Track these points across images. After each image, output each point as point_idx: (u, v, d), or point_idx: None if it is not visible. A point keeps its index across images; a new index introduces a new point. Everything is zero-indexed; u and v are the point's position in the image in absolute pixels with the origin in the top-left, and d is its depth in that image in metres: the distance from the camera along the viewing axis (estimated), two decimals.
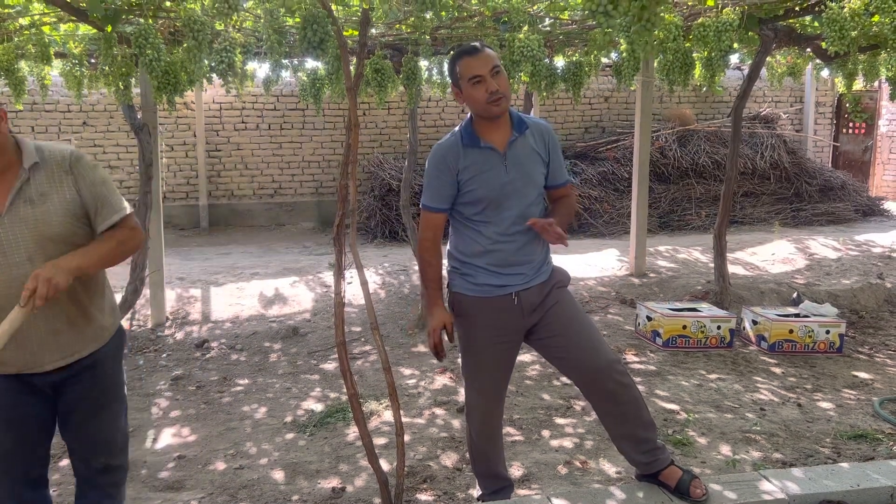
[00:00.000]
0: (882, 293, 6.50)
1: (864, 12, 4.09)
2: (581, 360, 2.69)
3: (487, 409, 2.85)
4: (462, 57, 2.60)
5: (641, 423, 2.76)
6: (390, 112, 11.19)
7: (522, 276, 2.71)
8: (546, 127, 2.78)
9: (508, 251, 2.68)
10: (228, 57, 3.85)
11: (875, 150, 12.68)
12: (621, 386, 2.70)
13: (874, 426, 3.90)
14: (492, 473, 2.97)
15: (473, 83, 2.56)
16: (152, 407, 4.43)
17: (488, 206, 2.65)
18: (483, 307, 2.71)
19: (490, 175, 2.63)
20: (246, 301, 6.56)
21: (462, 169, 2.63)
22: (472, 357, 2.80)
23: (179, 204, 10.83)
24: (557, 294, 2.76)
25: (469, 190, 2.65)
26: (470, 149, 2.65)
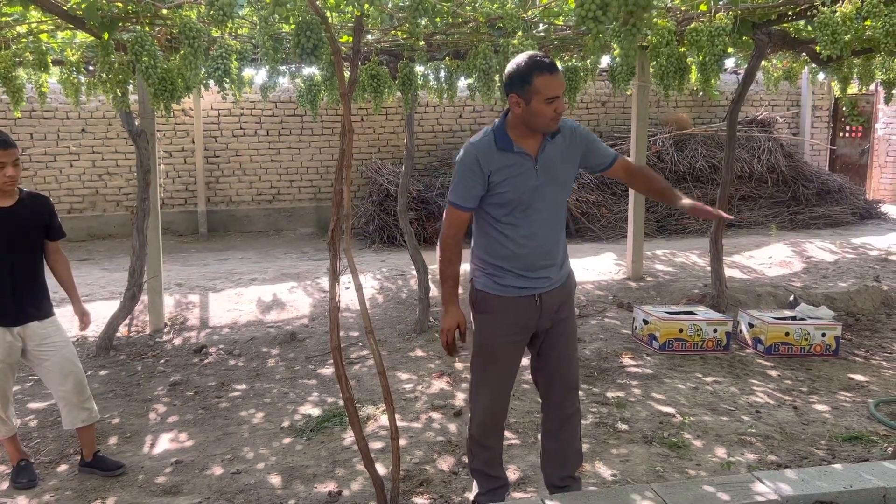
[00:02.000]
0: (878, 296, 6.52)
1: (856, 16, 4.12)
2: (560, 377, 2.92)
3: (493, 406, 2.90)
4: (542, 72, 2.57)
5: (574, 450, 3.01)
6: (388, 118, 11.22)
7: (547, 279, 2.79)
8: (572, 125, 2.83)
9: (535, 254, 2.75)
10: (224, 64, 3.87)
11: (872, 153, 12.70)
12: (577, 411, 2.98)
13: (869, 428, 3.91)
14: (488, 472, 2.99)
15: (548, 102, 2.59)
16: (150, 412, 4.44)
17: (516, 208, 2.71)
18: (506, 306, 2.79)
19: (521, 179, 2.69)
20: (244, 307, 6.58)
21: (494, 171, 2.68)
22: (486, 353, 2.86)
23: (178, 210, 10.85)
24: (568, 309, 2.90)
25: (500, 192, 2.70)
26: (503, 152, 2.69)
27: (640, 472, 3.43)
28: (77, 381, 3.48)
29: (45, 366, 3.43)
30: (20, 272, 3.37)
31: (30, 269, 3.42)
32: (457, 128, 11.49)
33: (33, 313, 3.40)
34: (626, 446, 3.73)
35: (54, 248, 3.57)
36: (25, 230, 3.38)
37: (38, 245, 3.46)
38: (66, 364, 3.44)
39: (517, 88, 2.62)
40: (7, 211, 3.32)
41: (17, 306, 3.35)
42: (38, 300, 3.44)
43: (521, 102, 2.62)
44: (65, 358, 3.45)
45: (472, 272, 2.88)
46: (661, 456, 3.61)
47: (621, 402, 4.31)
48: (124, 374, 5.11)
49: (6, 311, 3.34)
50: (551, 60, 2.61)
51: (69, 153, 10.37)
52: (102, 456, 3.65)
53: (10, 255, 3.33)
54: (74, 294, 3.67)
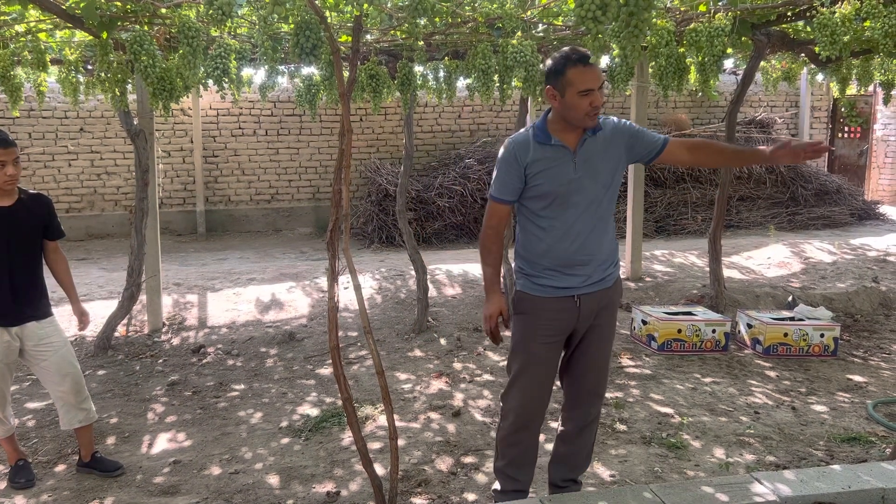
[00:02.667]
0: (877, 297, 6.52)
1: (855, 17, 4.12)
2: (588, 384, 2.93)
3: (524, 407, 2.88)
4: (576, 64, 2.60)
5: (585, 455, 3.05)
6: (387, 118, 11.22)
7: (584, 277, 2.77)
8: (617, 122, 2.84)
9: (571, 249, 2.74)
10: (223, 63, 3.86)
11: (870, 154, 12.72)
12: (597, 417, 3.03)
13: (867, 429, 3.91)
14: (508, 473, 2.96)
15: (582, 94, 2.61)
16: (148, 412, 4.43)
17: (554, 201, 2.72)
18: (544, 306, 2.79)
19: (558, 171, 2.70)
20: (242, 306, 6.57)
21: (530, 163, 2.70)
22: (524, 353, 2.85)
23: (177, 210, 10.84)
24: (608, 316, 2.89)
25: (536, 184, 2.72)
26: (541, 145, 2.72)
27: (638, 473, 3.43)
28: (75, 382, 3.47)
29: (43, 366, 3.42)
30: (19, 272, 3.36)
31: (29, 268, 3.41)
32: (455, 128, 11.49)
33: (31, 313, 3.39)
34: (625, 447, 3.73)
35: (53, 247, 3.56)
36: (25, 230, 3.37)
37: (37, 245, 3.45)
38: (63, 364, 3.44)
39: (552, 80, 2.66)
40: (6, 210, 3.31)
41: (15, 306, 3.34)
42: (36, 300, 3.43)
43: (556, 95, 2.66)
44: (62, 358, 3.44)
45: (514, 275, 2.91)
46: (660, 456, 3.61)
47: (620, 402, 4.31)
48: (122, 374, 5.11)
49: (5, 310, 3.33)
50: (587, 53, 2.63)
51: (68, 152, 10.36)
52: (101, 457, 3.65)
53: (8, 254, 3.32)
54: (73, 294, 3.66)
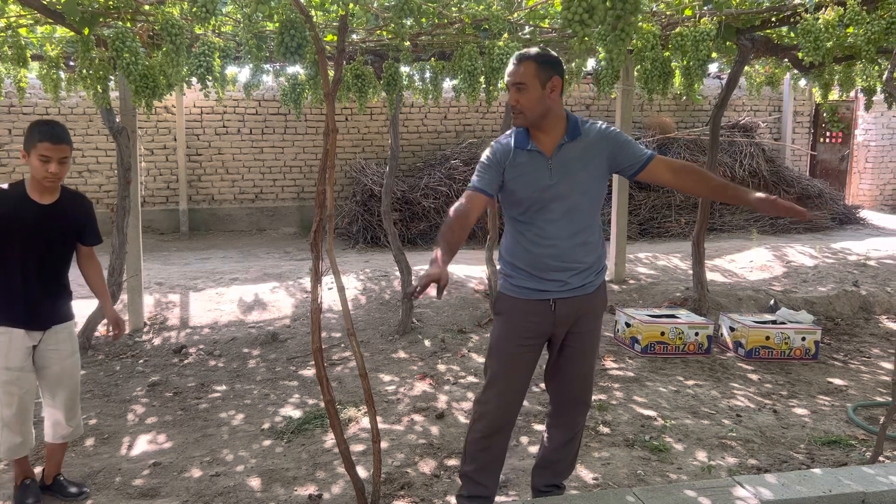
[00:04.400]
0: (857, 300, 6.58)
1: (838, 24, 4.16)
2: (573, 395, 2.93)
3: (498, 409, 2.85)
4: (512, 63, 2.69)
5: (569, 462, 3.06)
6: (372, 118, 11.19)
7: (561, 283, 2.73)
8: (602, 129, 2.76)
9: (547, 255, 2.71)
10: (207, 61, 3.83)
11: (851, 159, 12.85)
12: (581, 426, 3.02)
13: (848, 432, 3.94)
14: (476, 479, 2.93)
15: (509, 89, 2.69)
16: (128, 413, 4.38)
17: (530, 207, 2.71)
18: (519, 308, 2.78)
19: (532, 177, 2.68)
20: (225, 306, 6.52)
21: (508, 167, 2.70)
22: (497, 354, 2.84)
23: (159, 208, 10.75)
24: (590, 324, 2.86)
25: (512, 189, 2.72)
26: (519, 150, 2.72)
27: (621, 476, 3.43)
28: (70, 397, 3.28)
29: (45, 372, 3.21)
30: (49, 272, 3.18)
31: (58, 270, 3.23)
32: (441, 129, 11.48)
33: (55, 316, 3.21)
34: (608, 449, 3.73)
35: (88, 252, 3.37)
36: (59, 230, 3.18)
37: (70, 247, 3.26)
38: (65, 376, 3.24)
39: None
40: (44, 208, 3.11)
41: (42, 308, 3.16)
42: (61, 302, 3.25)
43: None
44: (66, 370, 3.24)
45: (499, 274, 2.91)
46: (643, 459, 3.61)
47: (603, 404, 4.31)
48: (102, 375, 5.05)
49: (32, 313, 3.14)
50: (520, 52, 2.69)
51: None
52: (63, 480, 3.42)
53: (39, 254, 3.13)
54: (107, 300, 3.46)
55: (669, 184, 2.82)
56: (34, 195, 3.11)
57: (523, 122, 2.69)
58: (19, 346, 3.11)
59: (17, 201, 3.08)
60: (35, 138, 3.02)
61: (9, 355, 3.10)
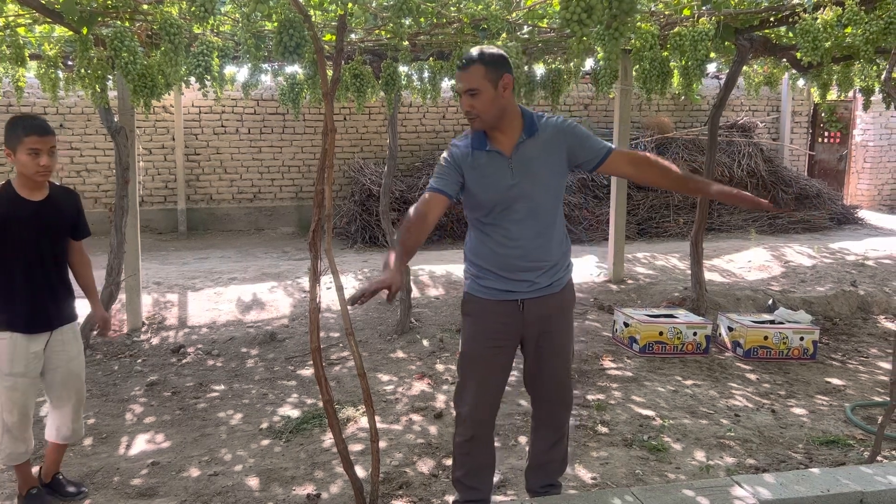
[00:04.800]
0: (855, 300, 6.59)
1: (836, 24, 4.16)
2: (552, 398, 2.92)
3: (475, 412, 2.84)
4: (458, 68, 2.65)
5: (561, 460, 3.02)
6: (371, 117, 11.18)
7: (530, 283, 2.72)
8: (559, 123, 2.72)
9: (514, 256, 2.69)
10: (205, 61, 3.83)
11: (850, 159, 12.86)
12: (566, 425, 2.99)
13: (846, 432, 3.95)
14: (467, 483, 2.93)
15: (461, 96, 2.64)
16: (126, 413, 4.38)
17: (494, 208, 2.67)
18: (487, 309, 2.75)
19: (494, 179, 2.65)
20: (223, 306, 6.52)
21: (467, 170, 2.66)
22: (469, 356, 2.82)
23: (157, 208, 10.73)
24: (560, 323, 2.83)
25: (474, 192, 2.68)
26: (477, 151, 2.67)
27: (619, 475, 3.43)
28: (77, 400, 3.25)
29: (51, 374, 3.17)
30: (49, 272, 3.13)
31: (58, 269, 3.18)
32: (440, 128, 11.48)
33: (59, 317, 3.16)
34: (606, 449, 3.73)
35: (78, 247, 3.31)
36: (55, 227, 3.14)
37: (65, 242, 3.23)
38: (71, 378, 3.20)
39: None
40: (37, 205, 3.06)
41: (45, 310, 3.11)
42: (64, 302, 3.20)
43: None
44: (71, 372, 3.20)
45: (464, 277, 2.87)
46: (641, 459, 3.62)
47: (601, 404, 4.31)
48: (100, 374, 5.04)
49: (36, 315, 3.08)
50: (469, 57, 2.59)
51: None
52: (62, 479, 3.40)
53: (38, 253, 3.08)
54: (95, 297, 3.42)
55: (630, 176, 2.82)
56: (24, 193, 3.05)
57: (480, 125, 2.63)
58: (22, 352, 3.06)
59: (9, 201, 3.02)
60: (20, 133, 2.96)
61: (12, 361, 3.05)
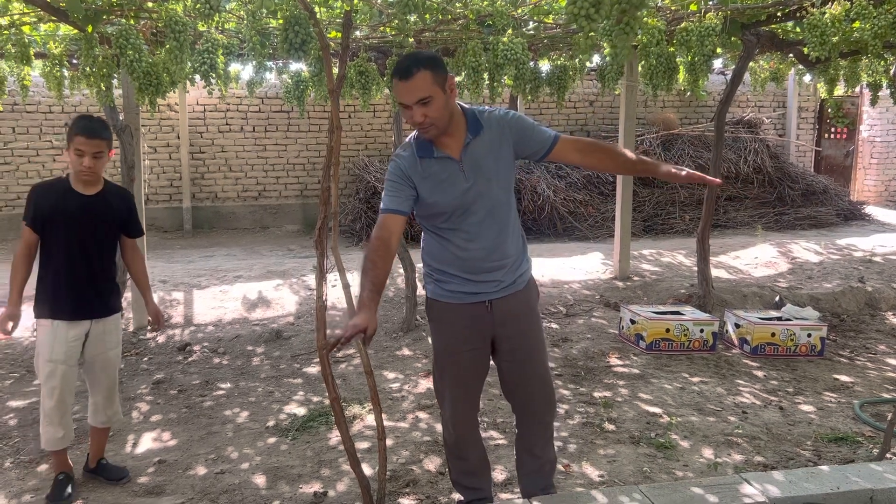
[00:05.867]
0: (863, 297, 6.56)
1: (844, 18, 4.13)
2: (534, 395, 2.83)
3: (455, 415, 2.82)
4: (393, 77, 2.45)
5: (550, 461, 2.94)
6: (376, 114, 11.17)
7: (496, 282, 2.66)
8: (501, 116, 2.64)
9: (479, 256, 2.63)
10: (211, 58, 3.82)
11: (857, 154, 12.81)
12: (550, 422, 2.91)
13: (854, 429, 3.93)
14: (464, 483, 2.93)
15: (403, 108, 2.48)
16: (133, 411, 4.38)
17: (453, 214, 2.59)
18: (456, 313, 2.69)
19: (448, 184, 2.55)
20: (229, 304, 6.52)
21: (419, 181, 2.55)
22: (443, 363, 2.79)
23: (163, 206, 10.75)
24: (529, 321, 2.77)
25: (430, 202, 2.58)
26: (425, 160, 2.56)
27: (627, 473, 3.42)
28: (109, 388, 3.40)
29: (89, 362, 3.33)
30: (94, 264, 3.27)
31: (104, 261, 3.33)
32: None
33: (102, 307, 3.31)
34: (614, 446, 3.72)
35: (131, 244, 3.47)
36: (102, 222, 3.27)
37: (114, 238, 3.37)
38: (107, 365, 3.36)
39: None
40: (86, 199, 3.22)
41: (87, 299, 3.25)
42: (107, 294, 3.35)
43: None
44: (109, 360, 3.36)
45: (423, 279, 2.79)
46: (649, 456, 3.60)
47: (608, 401, 4.30)
48: None
49: (78, 301, 3.23)
50: (408, 65, 2.43)
51: (52, 147, 10.24)
52: (106, 463, 3.55)
53: (84, 245, 3.23)
54: (148, 293, 3.57)
55: (578, 163, 2.74)
56: (77, 187, 3.24)
57: (435, 133, 2.51)
58: (62, 340, 3.20)
59: (60, 193, 3.22)
60: (73, 132, 3.15)
61: (53, 347, 3.20)
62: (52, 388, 3.22)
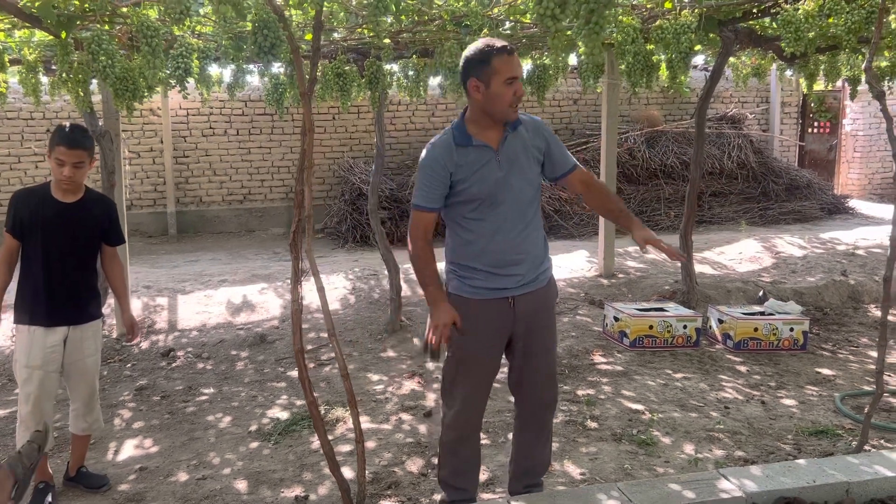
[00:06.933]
0: (846, 290, 6.60)
1: (818, 14, 4.15)
2: (541, 395, 2.90)
3: (464, 413, 2.84)
4: (501, 54, 2.56)
5: (543, 461, 3.02)
6: (360, 116, 11.15)
7: (519, 276, 2.73)
8: (539, 122, 2.82)
9: (504, 249, 2.70)
10: (185, 63, 3.80)
11: (840, 148, 12.88)
12: (550, 422, 3.00)
13: (835, 422, 3.95)
14: (454, 484, 2.94)
15: (508, 83, 2.57)
16: (115, 418, 4.35)
17: (483, 203, 2.67)
18: (480, 309, 2.74)
19: (483, 172, 2.65)
20: (213, 309, 6.49)
21: (455, 168, 2.65)
22: (462, 359, 2.80)
23: (147, 211, 10.69)
24: (547, 319, 2.86)
25: (463, 188, 2.66)
26: (463, 147, 2.66)
27: (608, 471, 3.43)
28: (88, 395, 3.39)
29: (68, 368, 3.31)
30: (73, 271, 3.27)
31: (82, 268, 3.33)
32: (429, 126, 11.45)
33: (78, 315, 3.30)
34: (596, 444, 3.73)
35: (111, 253, 3.47)
36: (82, 229, 3.28)
37: (94, 246, 3.37)
38: (86, 373, 3.35)
39: (476, 71, 2.59)
40: (66, 206, 3.23)
41: (62, 306, 3.24)
42: (86, 301, 3.34)
43: (480, 86, 2.60)
44: (87, 367, 3.34)
45: (445, 276, 2.84)
46: (630, 453, 3.61)
47: (591, 399, 4.31)
48: None
49: (55, 307, 3.22)
50: (508, 45, 2.60)
51: (34, 154, 10.17)
52: (86, 471, 3.53)
53: (63, 252, 3.23)
54: (125, 302, 3.58)
55: (580, 194, 2.93)
56: (57, 194, 3.24)
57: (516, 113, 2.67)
58: (39, 346, 3.20)
59: (39, 199, 3.22)
60: (54, 141, 3.16)
61: (30, 353, 3.20)
62: (28, 394, 3.21)
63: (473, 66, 2.59)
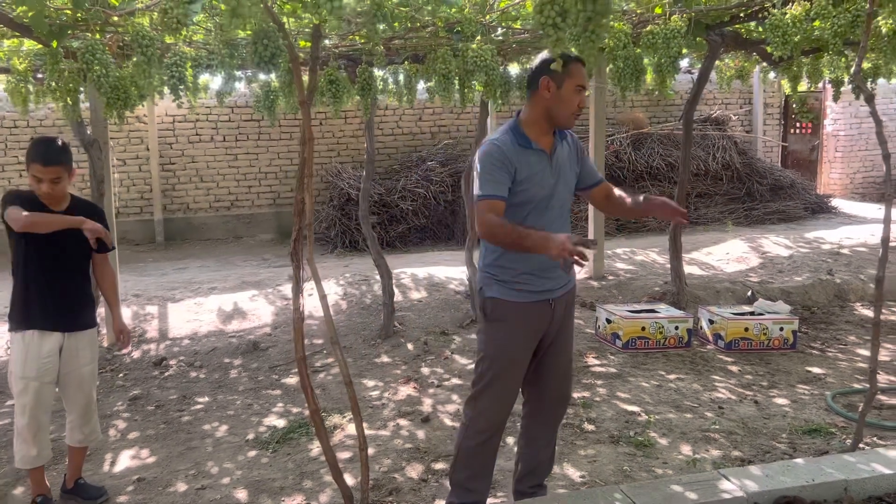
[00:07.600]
0: (832, 289, 6.69)
1: (805, 18, 4.21)
2: (559, 392, 3.00)
3: (496, 416, 2.86)
4: (578, 62, 2.70)
5: (550, 459, 3.08)
6: (347, 121, 11.15)
7: (558, 278, 2.81)
8: (575, 137, 2.97)
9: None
10: (179, 71, 3.79)
11: (822, 149, 13.04)
12: (560, 420, 3.10)
13: (828, 420, 4.01)
14: (468, 486, 2.92)
15: (578, 91, 2.70)
16: (110, 429, 4.33)
17: (535, 207, 2.75)
18: (521, 312, 2.78)
19: (541, 176, 2.74)
20: (204, 316, 6.46)
21: (519, 167, 2.71)
22: (500, 362, 2.81)
23: (134, 219, 10.62)
24: (571, 318, 2.97)
25: (521, 189, 2.72)
26: (524, 149, 2.73)
27: (607, 473, 3.45)
28: (85, 405, 3.38)
29: (63, 378, 3.29)
30: (64, 278, 3.26)
31: (74, 275, 3.32)
32: (416, 130, 11.48)
33: (72, 323, 3.28)
34: (594, 447, 3.75)
35: (101, 260, 3.46)
36: (70, 236, 3.24)
37: (85, 254, 3.36)
38: (83, 384, 3.33)
39: (554, 76, 2.67)
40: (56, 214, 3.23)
41: (58, 313, 3.23)
42: (79, 309, 3.33)
43: (552, 86, 2.68)
44: (83, 377, 3.33)
45: (481, 281, 2.86)
46: (628, 455, 3.64)
47: (587, 402, 4.34)
48: None
49: (49, 314, 3.21)
50: (572, 54, 2.74)
51: (19, 163, 10.07)
52: (84, 483, 3.50)
53: (55, 261, 3.23)
54: (116, 309, 3.57)
55: (600, 206, 3.08)
56: (45, 201, 3.21)
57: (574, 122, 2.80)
58: (34, 356, 3.18)
59: (30, 205, 3.18)
60: (29, 157, 3.14)
61: (25, 364, 3.18)
62: (23, 405, 3.19)
63: (553, 70, 2.63)
